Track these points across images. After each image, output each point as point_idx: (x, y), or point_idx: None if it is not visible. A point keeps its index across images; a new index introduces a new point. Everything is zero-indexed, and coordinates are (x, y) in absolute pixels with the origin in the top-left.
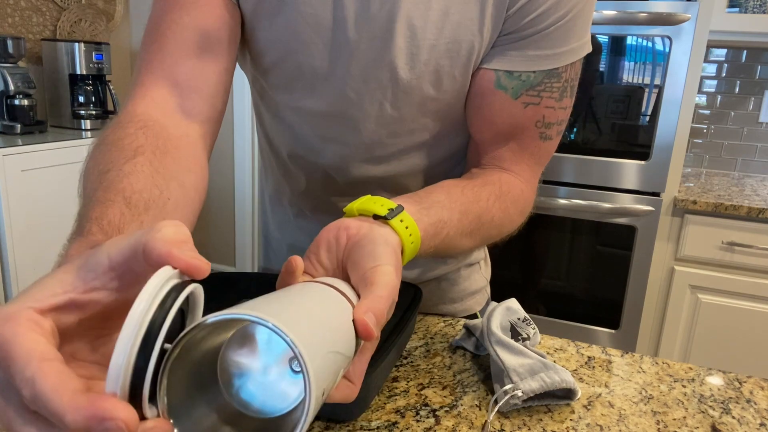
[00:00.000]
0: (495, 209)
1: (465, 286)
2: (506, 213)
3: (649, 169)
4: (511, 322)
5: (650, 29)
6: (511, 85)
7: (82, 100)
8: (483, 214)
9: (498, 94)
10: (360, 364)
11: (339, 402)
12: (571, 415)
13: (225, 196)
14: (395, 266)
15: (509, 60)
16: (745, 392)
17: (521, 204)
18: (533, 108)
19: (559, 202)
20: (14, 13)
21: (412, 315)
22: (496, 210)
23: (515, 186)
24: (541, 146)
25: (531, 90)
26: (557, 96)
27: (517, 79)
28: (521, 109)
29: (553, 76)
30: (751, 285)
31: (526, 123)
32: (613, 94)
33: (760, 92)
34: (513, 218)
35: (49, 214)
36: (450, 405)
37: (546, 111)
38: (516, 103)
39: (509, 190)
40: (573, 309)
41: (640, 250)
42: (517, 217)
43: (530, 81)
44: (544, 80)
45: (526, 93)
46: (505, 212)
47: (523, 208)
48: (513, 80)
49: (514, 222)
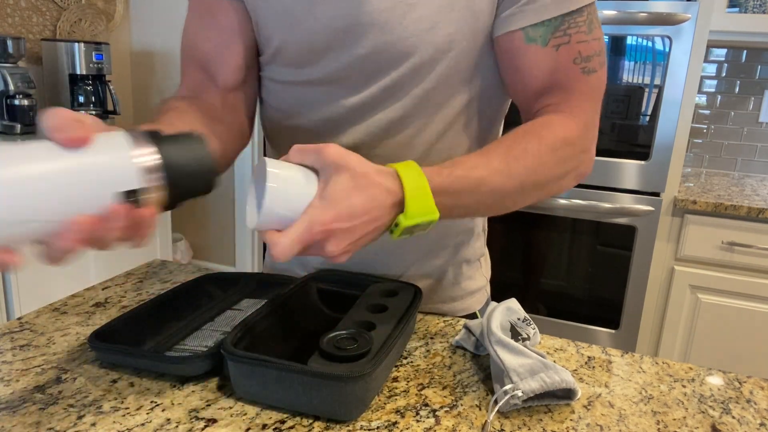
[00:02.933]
0: (538, 155)
1: (465, 284)
2: (555, 154)
3: (649, 169)
4: (511, 322)
5: (650, 29)
6: (539, 34)
7: (82, 100)
8: (521, 164)
9: (530, 48)
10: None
11: (270, 243)
12: (571, 415)
13: (225, 196)
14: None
15: (533, 13)
16: (745, 392)
17: (573, 142)
18: (566, 48)
19: (559, 202)
20: (14, 13)
21: (412, 315)
22: (542, 156)
23: (564, 125)
24: (588, 81)
25: (557, 32)
26: (586, 29)
27: (542, 27)
28: (554, 53)
29: (574, 13)
30: (751, 285)
31: (564, 64)
32: (613, 94)
33: (760, 92)
34: (564, 158)
35: None
36: (450, 405)
37: (580, 46)
38: (548, 50)
39: (555, 130)
40: (573, 309)
41: (640, 250)
42: (569, 160)
43: (555, 24)
44: (566, 19)
45: (554, 36)
46: (553, 154)
47: (574, 149)
48: (539, 29)
49: (566, 162)
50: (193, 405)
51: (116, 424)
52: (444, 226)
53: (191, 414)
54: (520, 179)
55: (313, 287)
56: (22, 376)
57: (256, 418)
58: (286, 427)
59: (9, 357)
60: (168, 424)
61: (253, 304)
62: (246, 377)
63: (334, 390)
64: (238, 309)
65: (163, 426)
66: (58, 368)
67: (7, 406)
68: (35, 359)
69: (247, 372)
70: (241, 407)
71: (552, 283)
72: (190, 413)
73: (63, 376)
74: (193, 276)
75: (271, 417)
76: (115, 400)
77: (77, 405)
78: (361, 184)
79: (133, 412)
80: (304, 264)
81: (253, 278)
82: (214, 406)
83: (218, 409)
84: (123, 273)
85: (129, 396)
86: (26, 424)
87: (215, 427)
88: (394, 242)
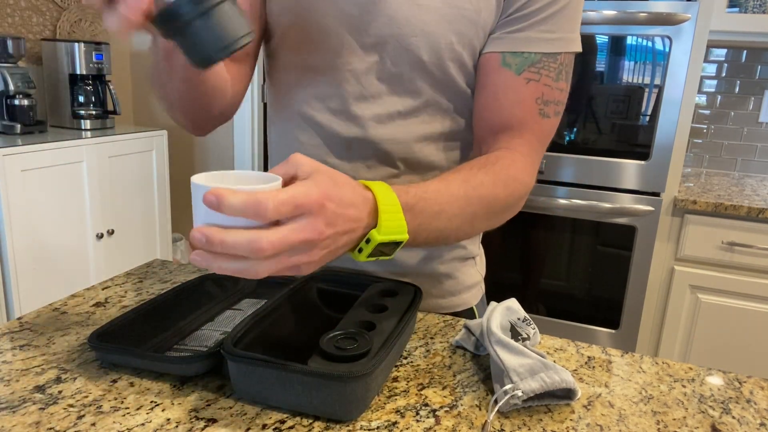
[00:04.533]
0: (492, 188)
1: (462, 279)
2: (506, 189)
3: (649, 169)
4: (511, 322)
5: (650, 29)
6: (515, 62)
7: (82, 100)
8: (477, 194)
9: (503, 72)
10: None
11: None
12: (571, 415)
13: None
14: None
15: (514, 42)
16: (745, 392)
17: (521, 180)
18: (534, 84)
19: (559, 202)
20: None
21: (412, 315)
22: (496, 189)
23: (514, 162)
24: (541, 123)
25: (532, 67)
26: (554, 76)
27: (520, 57)
28: (524, 85)
29: (550, 57)
30: (751, 285)
31: (528, 99)
32: (613, 94)
33: (760, 92)
34: (512, 194)
35: (49, 214)
36: (450, 405)
37: (544, 89)
38: (519, 79)
39: (507, 167)
40: (573, 309)
41: (640, 250)
42: (515, 195)
43: (531, 59)
44: (543, 59)
45: (528, 70)
46: (504, 188)
47: (521, 186)
48: (516, 58)
49: (513, 197)
50: (193, 405)
51: (116, 424)
52: None
53: (191, 414)
54: (474, 209)
55: (313, 287)
56: (22, 376)
57: (256, 418)
58: (286, 427)
59: (9, 357)
60: (168, 424)
61: (253, 304)
62: (246, 377)
63: (334, 390)
64: (238, 309)
65: (163, 426)
66: (58, 368)
67: (7, 406)
68: (35, 359)
69: (247, 372)
70: (241, 407)
71: (552, 283)
72: (190, 413)
73: (63, 376)
74: (193, 276)
75: (271, 417)
76: (115, 400)
77: (77, 405)
78: (341, 180)
79: (133, 412)
80: None
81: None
82: (214, 406)
83: (218, 409)
84: (123, 273)
85: (129, 396)
86: (26, 424)
87: (215, 427)
88: None
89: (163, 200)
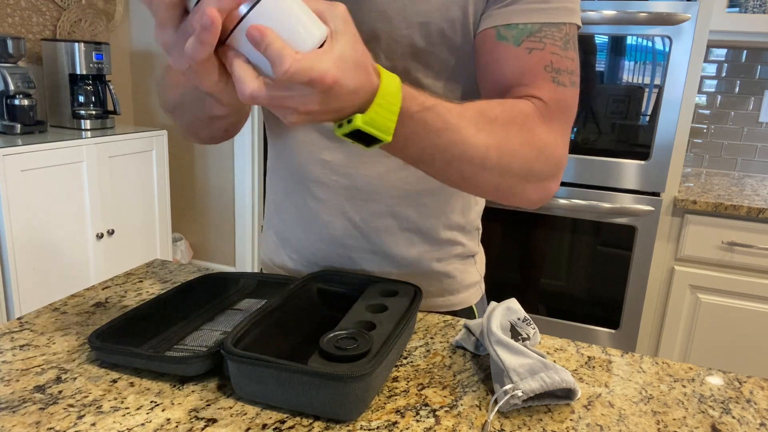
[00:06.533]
0: (506, 114)
1: (461, 278)
2: (522, 126)
3: (649, 169)
4: (511, 322)
5: (650, 29)
6: (511, 34)
7: (82, 100)
8: (491, 113)
9: (500, 45)
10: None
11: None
12: (571, 415)
13: (225, 196)
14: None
15: (506, 15)
16: (745, 392)
17: (539, 135)
18: (538, 53)
19: (559, 202)
20: (14, 13)
21: (412, 315)
22: (508, 115)
23: (534, 114)
24: (556, 90)
25: (532, 36)
26: (561, 45)
27: (516, 29)
28: (526, 54)
29: (552, 26)
30: (751, 285)
31: (535, 67)
32: (613, 93)
33: (760, 92)
34: (529, 141)
35: (49, 214)
36: (450, 405)
37: (552, 57)
38: (520, 50)
39: (525, 112)
40: (573, 309)
41: (640, 250)
42: (534, 146)
43: (529, 29)
44: (543, 28)
45: (528, 39)
46: (520, 126)
47: (542, 145)
48: (512, 30)
49: (531, 147)
50: (193, 405)
51: (116, 424)
52: (438, 222)
53: (191, 414)
54: (485, 147)
55: (313, 287)
56: (22, 376)
57: (256, 418)
58: (286, 427)
59: (9, 357)
60: (168, 424)
61: (253, 304)
62: (246, 377)
63: (334, 390)
64: (238, 309)
65: (163, 426)
66: (58, 368)
67: (7, 406)
68: (35, 359)
69: (247, 372)
70: (241, 407)
71: (552, 283)
72: (190, 413)
73: (63, 376)
74: (193, 276)
75: (271, 417)
76: (115, 400)
77: (77, 405)
78: (361, 61)
79: (133, 412)
80: (305, 263)
81: (253, 278)
82: (214, 406)
83: (218, 409)
84: (123, 273)
85: (129, 396)
86: (26, 424)
87: (215, 427)
88: (388, 241)
89: (163, 200)
